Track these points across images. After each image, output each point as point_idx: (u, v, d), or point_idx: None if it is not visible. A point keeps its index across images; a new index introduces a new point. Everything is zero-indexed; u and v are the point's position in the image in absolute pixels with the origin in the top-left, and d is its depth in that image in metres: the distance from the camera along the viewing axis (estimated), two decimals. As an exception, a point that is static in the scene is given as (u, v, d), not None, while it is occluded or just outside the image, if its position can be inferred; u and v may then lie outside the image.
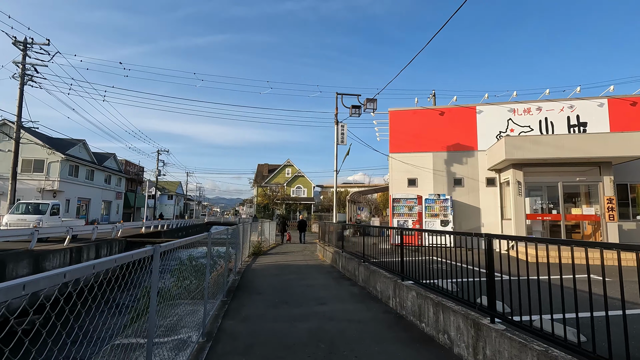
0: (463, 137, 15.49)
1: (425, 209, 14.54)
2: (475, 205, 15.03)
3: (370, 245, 8.14)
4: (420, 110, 16.18)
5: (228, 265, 8.39)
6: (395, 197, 14.80)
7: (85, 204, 35.64)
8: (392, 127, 16.30)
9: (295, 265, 11.70)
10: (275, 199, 47.80)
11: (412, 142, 15.95)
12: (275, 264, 11.87)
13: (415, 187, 15.66)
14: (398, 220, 14.67)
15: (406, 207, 14.72)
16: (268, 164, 59.14)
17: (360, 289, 7.75)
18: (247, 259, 13.18)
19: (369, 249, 8.12)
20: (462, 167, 15.37)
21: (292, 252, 15.99)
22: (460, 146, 15.47)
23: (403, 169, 15.85)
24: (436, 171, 15.55)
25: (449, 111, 15.81)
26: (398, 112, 16.37)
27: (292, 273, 10.02)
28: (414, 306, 5.18)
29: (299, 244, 20.21)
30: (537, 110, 14.84)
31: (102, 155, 39.71)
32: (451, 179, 15.41)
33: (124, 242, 20.36)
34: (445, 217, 14.32)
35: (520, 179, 13.01)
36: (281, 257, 14.04)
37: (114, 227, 19.88)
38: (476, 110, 15.48)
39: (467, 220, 14.91)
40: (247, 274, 9.94)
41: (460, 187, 15.28)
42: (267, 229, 19.99)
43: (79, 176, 33.54)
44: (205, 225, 59.31)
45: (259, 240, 17.60)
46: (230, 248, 9.52)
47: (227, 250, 7.74)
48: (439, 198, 14.45)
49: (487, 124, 15.29)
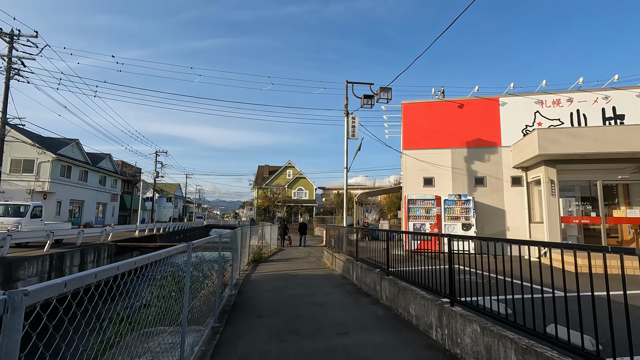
0: (485, 131, 14.05)
1: (445, 211, 13.08)
2: (499, 207, 13.56)
3: (395, 253, 6.70)
4: (436, 102, 14.75)
5: (222, 279, 6.94)
6: (411, 197, 13.35)
7: (78, 206, 34.19)
8: (406, 121, 14.88)
9: (301, 275, 10.23)
10: (276, 201, 46.34)
11: (428, 138, 14.51)
12: (279, 274, 10.40)
13: (431, 187, 14.21)
14: (414, 224, 13.21)
15: (423, 209, 13.25)
16: (269, 166, 57.72)
17: (384, 309, 6.28)
18: (246, 267, 11.73)
19: (393, 258, 6.66)
20: (484, 164, 13.92)
21: (296, 258, 14.52)
22: (481, 142, 14.03)
23: (418, 167, 14.40)
24: (455, 169, 14.10)
25: (469, 103, 14.38)
26: (412, 105, 14.94)
27: (298, 286, 8.54)
28: (476, 345, 3.71)
29: (302, 249, 18.76)
30: (568, 101, 13.41)
31: (96, 156, 38.30)
32: (472, 177, 13.96)
33: (114, 246, 18.90)
34: (467, 220, 12.85)
35: (554, 177, 11.56)
36: (285, 264, 12.58)
37: (102, 230, 18.41)
38: (499, 102, 14.05)
39: (491, 224, 13.44)
40: (246, 286, 8.47)
41: (482, 187, 13.82)
42: (268, 232, 18.53)
43: (72, 177, 32.12)
44: (204, 228, 57.85)
45: (259, 245, 16.15)
46: (225, 257, 8.07)
47: (220, 261, 6.29)
48: (459, 199, 13.00)
49: (511, 117, 13.86)
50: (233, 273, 8.03)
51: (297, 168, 53.45)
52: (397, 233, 7.60)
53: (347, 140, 11.81)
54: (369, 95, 11.90)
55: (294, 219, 46.56)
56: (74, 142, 32.81)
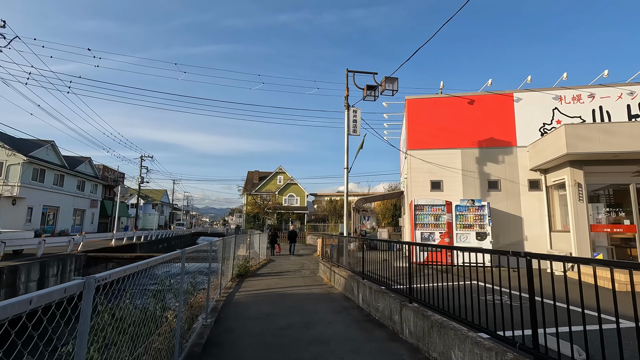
0: (498, 130, 12.70)
1: (456, 218, 11.60)
2: (515, 214, 12.15)
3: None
4: (444, 98, 13.38)
5: (191, 310, 5.28)
6: (418, 203, 11.84)
7: (53, 212, 31.84)
8: (411, 118, 13.45)
9: (295, 294, 8.57)
10: (266, 207, 44.46)
11: (436, 137, 13.09)
12: (268, 293, 8.71)
13: (440, 192, 12.75)
14: (422, 233, 11.69)
15: (432, 216, 11.75)
16: (259, 171, 55.90)
17: (410, 351, 4.68)
18: (229, 284, 10.01)
19: (422, 279, 5.09)
20: (497, 166, 12.54)
21: (287, 271, 12.82)
22: (495, 141, 12.67)
23: (425, 168, 12.94)
24: (466, 172, 12.68)
25: (481, 99, 13.04)
26: (417, 101, 13.54)
27: (292, 311, 6.88)
28: None
29: (293, 259, 17.05)
30: (589, 97, 12.16)
31: (74, 159, 36.01)
32: (485, 181, 12.55)
33: (84, 257, 16.91)
34: (482, 228, 11.39)
35: (581, 180, 10.21)
36: (275, 279, 10.88)
37: (70, 239, 16.42)
38: (514, 98, 12.74)
39: (506, 233, 12.01)
40: (226, 312, 6.77)
41: (497, 192, 12.42)
42: (257, 241, 16.80)
43: (46, 181, 29.85)
44: (191, 236, 55.48)
45: (247, 254, 14.42)
46: (201, 273, 6.39)
47: (181, 288, 4.63)
48: (473, 204, 11.54)
49: (527, 114, 12.55)
50: (207, 300, 6.34)
51: (288, 174, 51.79)
52: (425, 245, 6.03)
53: (348, 136, 10.29)
54: (373, 85, 10.43)
55: (284, 226, 44.72)
56: (48, 144, 30.61)
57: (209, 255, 6.68)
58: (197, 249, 5.53)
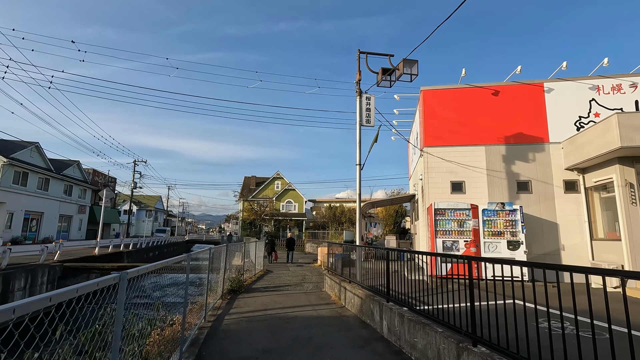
0: (528, 124, 11.22)
1: (484, 225, 10.04)
2: (549, 220, 10.62)
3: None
4: (465, 89, 11.91)
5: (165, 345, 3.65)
6: (439, 207, 10.27)
7: (36, 218, 29.97)
8: (427, 111, 11.96)
9: (299, 318, 6.92)
10: (263, 214, 42.71)
11: (456, 132, 11.59)
12: (265, 316, 7.06)
13: (461, 194, 11.21)
14: (444, 241, 10.10)
15: (455, 222, 10.18)
16: (256, 177, 54.29)
17: None
18: (219, 302, 8.35)
19: (452, 296, 3.50)
20: (528, 165, 11.03)
21: (287, 285, 11.17)
22: (524, 137, 11.18)
23: (444, 168, 11.42)
24: (492, 171, 11.15)
25: (507, 90, 11.58)
26: (434, 92, 12.06)
27: (297, 345, 5.24)
28: None
29: (293, 270, 15.39)
30: (631, 87, 10.73)
31: (62, 163, 34.25)
32: (513, 182, 11.02)
33: (59, 268, 15.14)
34: (514, 236, 9.83)
35: (633, 179, 8.71)
36: (274, 296, 9.23)
37: (43, 248, 14.67)
38: (544, 88, 11.29)
39: (540, 241, 10.46)
40: (210, 348, 5.13)
41: (527, 194, 10.89)
42: (254, 250, 15.13)
43: (28, 185, 28.05)
44: (186, 243, 53.51)
45: (241, 264, 12.76)
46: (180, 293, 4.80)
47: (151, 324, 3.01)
48: (503, 209, 9.99)
49: (561, 106, 11.09)
50: (185, 326, 4.70)
51: (286, 179, 50.20)
52: (485, 261, 4.46)
53: (360, 128, 8.74)
54: (389, 69, 8.93)
55: (282, 233, 42.99)
56: (32, 146, 28.88)
57: (192, 269, 5.06)
58: (166, 265, 3.92)
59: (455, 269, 5.82)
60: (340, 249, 10.48)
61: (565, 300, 2.62)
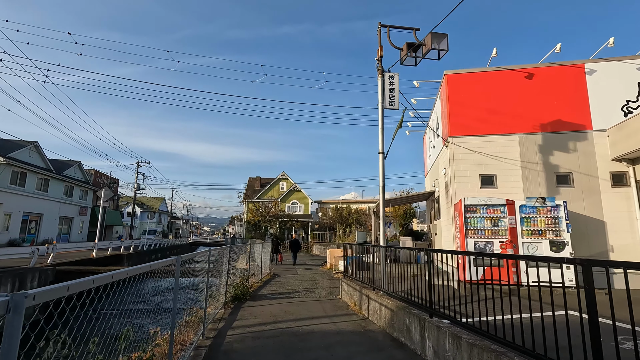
0: (567, 110, 10.00)
1: (522, 223, 8.81)
2: (594, 217, 9.37)
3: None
4: (494, 72, 10.71)
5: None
6: (469, 203, 9.07)
7: (35, 220, 29.11)
8: (452, 98, 10.78)
9: (315, 334, 5.75)
10: (268, 215, 41.59)
11: (485, 120, 10.40)
12: (275, 332, 5.90)
13: (492, 188, 10.00)
14: (476, 241, 8.89)
15: (488, 220, 8.97)
16: (260, 178, 53.25)
17: None
18: (221, 313, 7.21)
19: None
20: (568, 156, 9.80)
21: (297, 291, 10.00)
22: (563, 124, 9.96)
23: (472, 160, 10.22)
24: (527, 163, 9.94)
25: (541, 72, 10.37)
26: (460, 77, 10.88)
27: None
28: None
29: (302, 273, 14.23)
30: (687, 66, 9.49)
31: (62, 163, 33.43)
32: (551, 175, 9.79)
33: (51, 272, 14.11)
34: (558, 235, 8.59)
35: (702, 168, 7.45)
36: (283, 305, 8.07)
37: (34, 250, 13.65)
38: (585, 69, 10.07)
39: (584, 241, 9.20)
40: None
41: (568, 188, 9.65)
42: (259, 252, 14.00)
43: (27, 186, 27.19)
44: (190, 246, 52.54)
45: (246, 267, 11.64)
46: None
47: None
48: (544, 204, 8.76)
49: (605, 89, 9.86)
50: (173, 348, 3.57)
51: (291, 180, 49.09)
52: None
53: (382, 110, 7.58)
54: (414, 44, 7.78)
55: (287, 235, 41.84)
56: (31, 145, 28.04)
57: (184, 278, 3.93)
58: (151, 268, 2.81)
59: (493, 273, 4.95)
60: (359, 251, 9.31)
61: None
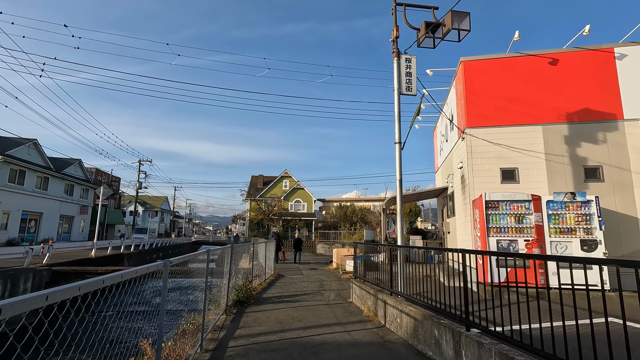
0: (595, 98, 9.25)
1: (549, 220, 8.09)
2: (627, 214, 8.63)
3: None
4: (515, 58, 9.97)
5: None
6: (490, 198, 8.35)
7: (35, 219, 28.62)
8: (469, 86, 10.05)
9: (328, 345, 5.07)
10: (271, 214, 40.96)
11: (505, 110, 9.67)
12: (283, 343, 5.22)
13: (514, 183, 9.28)
14: (498, 240, 8.18)
15: (511, 217, 8.25)
16: (263, 176, 52.63)
17: None
18: (222, 319, 6.56)
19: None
20: (597, 148, 9.06)
21: (304, 294, 9.34)
22: (591, 113, 9.21)
23: (492, 152, 9.50)
24: (551, 156, 9.20)
25: (567, 58, 9.62)
26: (477, 63, 10.15)
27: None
28: None
29: (307, 275, 13.57)
30: None
31: (62, 161, 32.91)
32: (579, 168, 9.06)
33: (47, 273, 13.51)
34: (589, 233, 7.87)
35: None
36: (290, 310, 7.40)
37: (28, 250, 13.06)
38: (614, 54, 9.31)
39: (616, 240, 8.47)
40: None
41: (597, 182, 8.91)
42: (263, 252, 13.35)
43: (26, 184, 26.68)
44: (192, 245, 52.04)
45: (249, 267, 11.00)
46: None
47: None
48: (573, 200, 8.03)
49: (636, 75, 9.10)
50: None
51: (294, 178, 48.43)
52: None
53: (399, 96, 6.88)
54: (432, 23, 7.07)
55: (290, 234, 41.22)
56: (30, 143, 27.53)
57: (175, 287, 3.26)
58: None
59: (519, 275, 4.40)
60: (371, 251, 8.63)
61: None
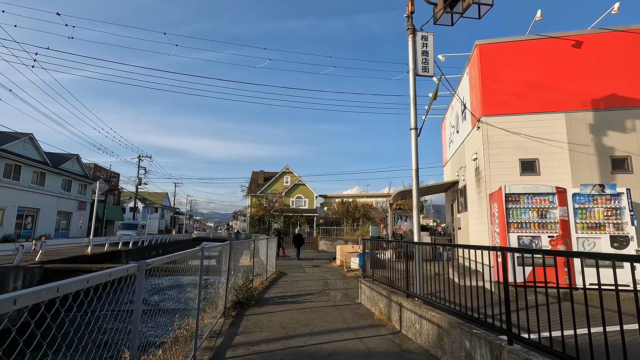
0: (623, 83, 8.57)
1: (575, 214, 7.45)
2: (658, 208, 7.98)
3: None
4: (534, 41, 9.28)
5: None
6: (511, 191, 7.71)
7: (31, 215, 28.07)
8: (485, 71, 9.36)
9: (339, 355, 4.46)
10: (272, 210, 40.39)
11: (525, 97, 8.99)
12: (288, 352, 4.60)
13: (534, 175, 8.62)
14: (519, 236, 7.55)
15: (533, 212, 7.61)
16: (264, 172, 52.01)
17: None
18: (220, 323, 5.95)
19: None
20: (625, 137, 8.39)
21: (309, 294, 8.73)
22: (618, 100, 8.53)
23: (510, 142, 8.84)
24: (575, 145, 8.54)
25: (592, 40, 8.92)
26: (494, 47, 9.46)
27: None
28: None
29: (311, 273, 12.99)
30: None
31: (59, 156, 32.31)
32: (605, 158, 8.40)
33: (39, 271, 12.93)
34: (620, 229, 7.23)
35: None
36: (294, 312, 6.79)
37: (18, 247, 12.48)
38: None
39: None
40: None
41: (626, 174, 8.26)
42: (264, 249, 12.74)
43: (22, 179, 26.09)
44: (193, 241, 51.56)
45: (250, 264, 10.39)
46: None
47: None
48: (602, 192, 7.38)
49: (668, 58, 8.42)
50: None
51: (296, 174, 47.80)
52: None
53: (415, 78, 6.22)
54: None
55: (291, 230, 40.67)
56: (26, 137, 26.91)
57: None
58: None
59: (540, 273, 3.75)
60: (382, 248, 8.01)
61: None
